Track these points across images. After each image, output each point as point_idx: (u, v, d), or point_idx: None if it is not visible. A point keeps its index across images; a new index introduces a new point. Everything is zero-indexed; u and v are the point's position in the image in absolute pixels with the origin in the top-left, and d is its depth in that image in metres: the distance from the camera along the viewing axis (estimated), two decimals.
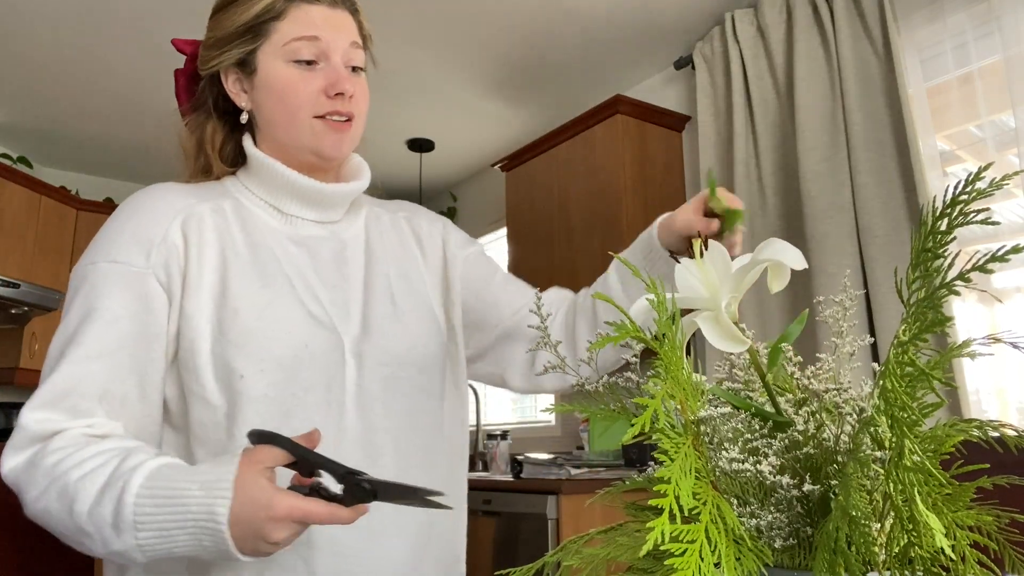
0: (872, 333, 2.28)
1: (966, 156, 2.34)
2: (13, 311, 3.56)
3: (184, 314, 0.88)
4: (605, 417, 0.61)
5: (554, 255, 3.25)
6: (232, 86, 0.97)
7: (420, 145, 4.04)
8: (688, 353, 0.54)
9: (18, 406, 3.69)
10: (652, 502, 0.41)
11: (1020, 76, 2.09)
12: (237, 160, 1.02)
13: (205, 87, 1.01)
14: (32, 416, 0.79)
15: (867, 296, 2.30)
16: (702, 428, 0.54)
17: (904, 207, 2.27)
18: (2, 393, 3.83)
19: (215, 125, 1.01)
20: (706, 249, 0.57)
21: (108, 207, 4.10)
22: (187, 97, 1.06)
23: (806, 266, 0.54)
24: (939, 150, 2.32)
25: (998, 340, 0.46)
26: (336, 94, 0.92)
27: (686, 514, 0.41)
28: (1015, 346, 0.45)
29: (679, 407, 0.49)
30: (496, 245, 4.33)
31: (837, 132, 2.44)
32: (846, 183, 2.38)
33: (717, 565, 0.42)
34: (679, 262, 0.57)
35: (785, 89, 2.63)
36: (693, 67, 2.99)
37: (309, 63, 0.92)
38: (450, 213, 4.66)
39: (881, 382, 0.45)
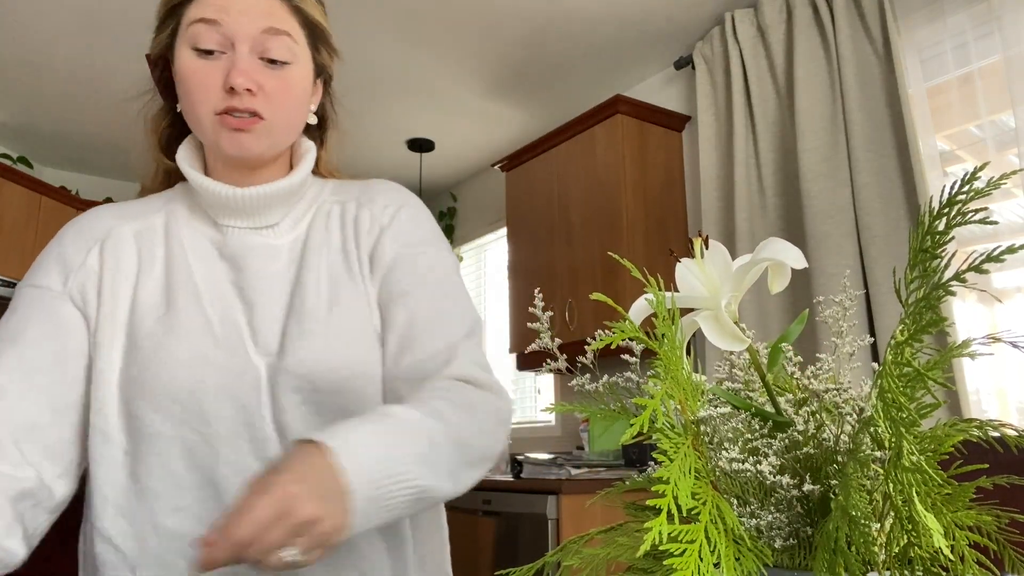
0: (872, 333, 2.28)
1: (966, 156, 2.34)
2: None
3: (96, 343, 0.84)
4: (605, 417, 0.61)
5: (554, 255, 3.25)
6: (171, 76, 0.88)
7: (420, 145, 4.04)
8: (688, 353, 0.54)
9: None
10: (651, 502, 0.41)
11: (1020, 76, 2.09)
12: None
13: (155, 71, 0.92)
14: None
15: (867, 296, 2.30)
16: (702, 428, 0.54)
17: (904, 207, 2.27)
18: None
19: (160, 112, 0.95)
20: (707, 248, 0.57)
21: None
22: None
23: (806, 265, 0.53)
24: (939, 150, 2.32)
25: (998, 340, 0.46)
26: (229, 88, 0.81)
27: (685, 514, 0.41)
28: (1015, 345, 0.45)
29: (679, 407, 0.49)
30: (496, 245, 4.33)
31: (837, 132, 2.44)
32: (846, 183, 2.38)
33: (716, 565, 0.42)
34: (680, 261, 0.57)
35: (785, 89, 2.63)
36: (693, 67, 2.99)
37: (208, 52, 0.82)
38: (450, 213, 4.66)
39: (879, 382, 0.45)
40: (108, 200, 4.19)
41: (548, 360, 0.74)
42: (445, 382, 0.82)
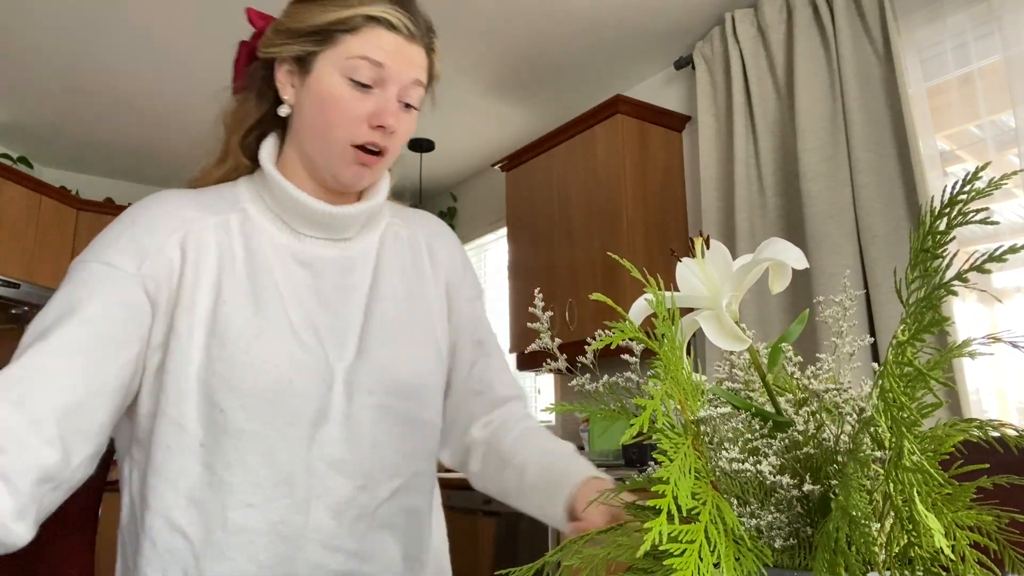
0: (872, 333, 2.28)
1: (966, 156, 2.34)
2: (13, 311, 3.56)
3: (175, 333, 0.85)
4: (605, 417, 0.61)
5: (554, 255, 3.25)
6: (283, 76, 0.93)
7: (420, 145, 4.04)
8: (688, 353, 0.54)
9: None
10: (651, 502, 0.41)
11: (1020, 76, 2.09)
12: (256, 154, 0.98)
13: (257, 67, 0.97)
14: None
15: (867, 296, 2.30)
16: (702, 428, 0.54)
17: (904, 207, 2.27)
18: None
19: (251, 108, 0.97)
20: (708, 247, 0.57)
21: (108, 207, 4.10)
22: (241, 72, 1.00)
23: (807, 265, 0.53)
24: (939, 150, 2.32)
25: (998, 340, 0.46)
26: (378, 126, 0.89)
27: (685, 514, 0.41)
28: (1015, 345, 0.45)
29: (679, 407, 0.49)
30: (496, 245, 4.33)
31: (837, 132, 2.44)
32: (846, 183, 2.38)
33: (716, 565, 0.42)
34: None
35: (785, 89, 2.63)
36: (693, 67, 2.99)
37: (364, 86, 0.88)
38: (450, 213, 4.66)
39: (880, 382, 0.45)
40: (108, 200, 4.19)
41: (548, 360, 0.74)
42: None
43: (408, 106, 0.92)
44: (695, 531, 0.42)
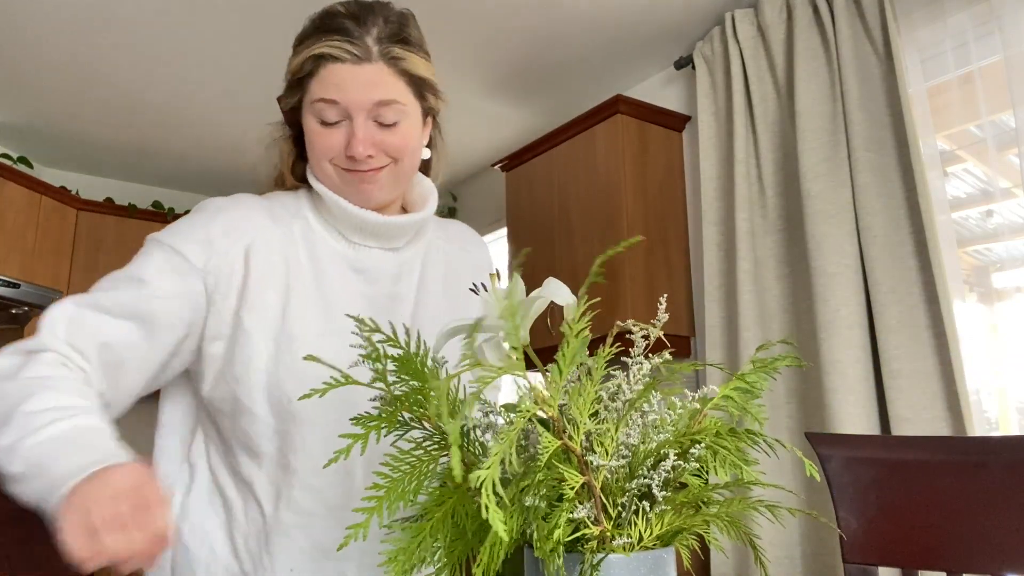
0: (872, 333, 2.28)
1: (966, 156, 2.34)
2: (13, 311, 3.56)
3: (243, 329, 0.93)
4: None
5: (554, 255, 3.25)
6: (286, 116, 1.04)
7: None
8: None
9: None
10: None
11: (1020, 76, 2.09)
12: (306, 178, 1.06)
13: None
14: (51, 323, 0.86)
15: (867, 296, 2.30)
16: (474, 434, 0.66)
17: (904, 207, 2.27)
18: None
19: (291, 148, 1.06)
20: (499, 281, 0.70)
21: (108, 207, 4.10)
22: None
23: (572, 301, 0.65)
24: (939, 150, 2.32)
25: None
26: (349, 156, 0.95)
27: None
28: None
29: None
30: (496, 245, 4.34)
31: (837, 132, 2.44)
32: (846, 183, 2.38)
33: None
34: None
35: (785, 89, 2.63)
36: (693, 67, 2.99)
37: (331, 124, 0.95)
38: (450, 213, 4.67)
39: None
40: (108, 200, 4.18)
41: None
42: None
43: (386, 124, 0.96)
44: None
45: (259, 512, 0.95)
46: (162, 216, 4.24)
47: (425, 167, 1.12)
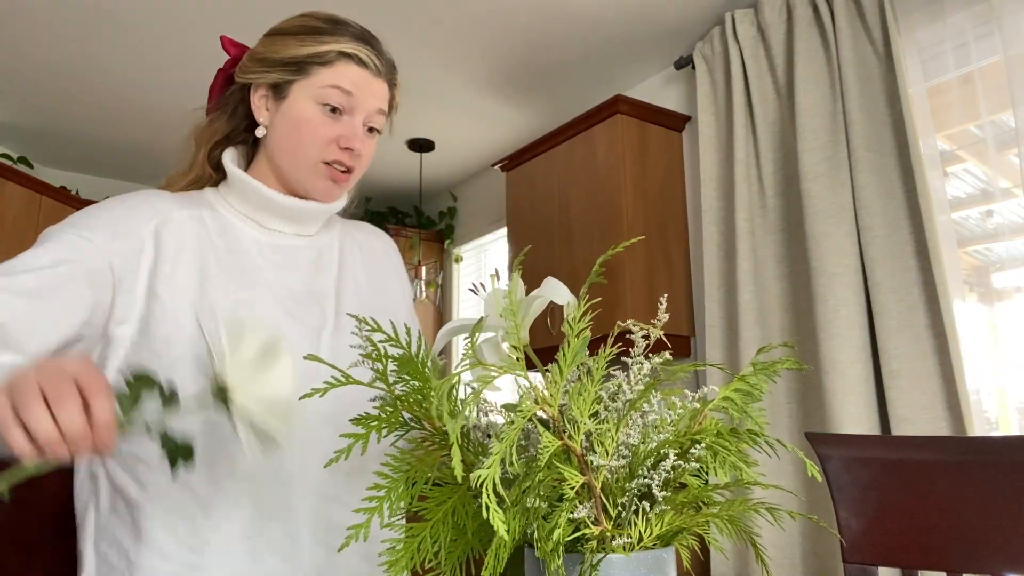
0: (872, 333, 2.28)
1: (966, 156, 2.34)
2: None
3: (157, 299, 0.93)
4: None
5: (554, 255, 3.25)
6: (258, 100, 1.04)
7: (420, 145, 4.04)
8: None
9: None
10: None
11: (1020, 76, 2.09)
12: (220, 166, 1.07)
13: (234, 92, 1.08)
14: None
15: (867, 296, 2.30)
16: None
17: (904, 207, 2.27)
18: None
19: (221, 126, 1.07)
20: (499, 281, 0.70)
21: None
22: (217, 95, 1.11)
23: (572, 300, 0.65)
24: (939, 150, 2.32)
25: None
26: (346, 147, 1.01)
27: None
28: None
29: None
30: (496, 245, 4.34)
31: (837, 132, 2.44)
32: (846, 183, 2.38)
33: None
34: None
35: (785, 89, 2.63)
36: (693, 67, 2.99)
37: (334, 110, 1.00)
38: (450, 213, 4.67)
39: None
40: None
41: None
42: None
43: (372, 130, 1.05)
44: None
45: (190, 494, 0.90)
46: None
47: None
